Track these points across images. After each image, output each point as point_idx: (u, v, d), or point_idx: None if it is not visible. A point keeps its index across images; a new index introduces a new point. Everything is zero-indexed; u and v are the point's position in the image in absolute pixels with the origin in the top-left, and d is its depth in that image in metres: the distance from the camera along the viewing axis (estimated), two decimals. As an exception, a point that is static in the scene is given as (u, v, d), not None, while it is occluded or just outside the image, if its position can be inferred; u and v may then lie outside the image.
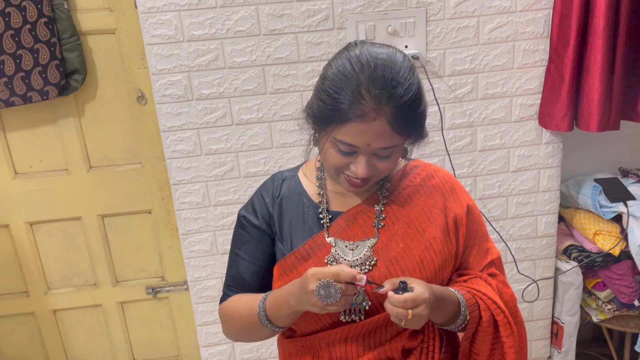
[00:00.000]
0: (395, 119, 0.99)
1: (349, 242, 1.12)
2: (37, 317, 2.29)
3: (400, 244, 1.11)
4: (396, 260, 1.10)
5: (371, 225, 1.13)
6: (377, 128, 0.99)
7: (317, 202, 1.16)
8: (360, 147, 1.02)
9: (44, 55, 1.92)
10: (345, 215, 1.14)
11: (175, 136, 1.91)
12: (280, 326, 1.11)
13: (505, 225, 2.19)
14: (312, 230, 1.14)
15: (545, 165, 2.14)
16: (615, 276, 2.17)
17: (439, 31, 1.91)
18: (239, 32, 1.82)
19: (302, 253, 1.12)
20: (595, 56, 1.88)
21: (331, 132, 1.02)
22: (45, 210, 2.15)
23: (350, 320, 1.10)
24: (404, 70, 1.00)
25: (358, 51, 1.02)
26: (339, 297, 0.97)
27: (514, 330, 1.13)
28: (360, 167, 1.04)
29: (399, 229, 1.12)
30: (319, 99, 1.03)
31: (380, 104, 0.98)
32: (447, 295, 1.07)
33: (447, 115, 2.02)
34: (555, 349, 2.38)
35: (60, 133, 2.07)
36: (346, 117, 0.99)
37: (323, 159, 1.09)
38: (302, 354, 1.17)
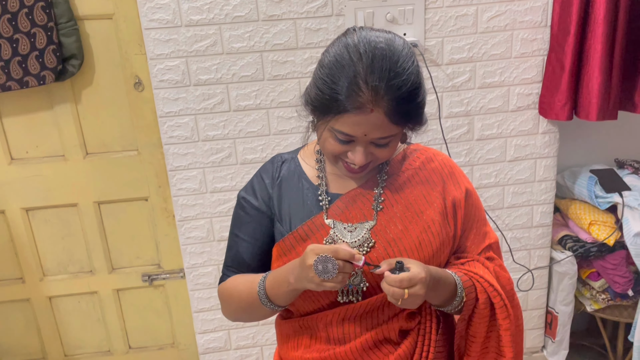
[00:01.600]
0: (393, 111, 0.98)
1: (347, 224, 1.12)
2: (33, 304, 2.29)
3: (398, 225, 1.11)
4: (394, 241, 1.10)
5: (370, 207, 1.13)
6: (374, 120, 0.99)
7: (316, 184, 1.17)
8: (357, 137, 1.02)
9: (41, 40, 1.90)
10: (344, 198, 1.14)
11: (173, 122, 1.91)
12: (279, 305, 1.11)
13: (501, 215, 2.20)
14: (311, 211, 1.14)
15: (541, 155, 2.14)
16: (609, 266, 2.19)
17: (437, 19, 1.91)
18: (237, 17, 1.82)
19: (301, 234, 1.12)
20: (596, 45, 1.89)
21: (329, 121, 1.02)
22: (41, 197, 2.14)
23: (347, 301, 1.11)
24: (403, 59, 0.99)
25: (356, 38, 1.01)
26: (336, 273, 0.98)
27: (510, 313, 1.14)
28: (358, 156, 1.04)
29: (397, 211, 1.12)
30: (317, 87, 1.03)
31: (378, 95, 0.97)
32: (443, 277, 1.08)
33: (445, 103, 2.02)
34: (549, 338, 2.40)
35: (57, 119, 2.06)
36: (343, 108, 0.98)
37: (322, 146, 1.09)
38: (300, 334, 1.17)
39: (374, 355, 1.12)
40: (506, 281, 1.17)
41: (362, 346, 1.12)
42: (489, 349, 1.16)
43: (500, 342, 1.15)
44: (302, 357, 1.16)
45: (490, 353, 1.16)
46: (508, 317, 1.13)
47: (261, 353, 2.24)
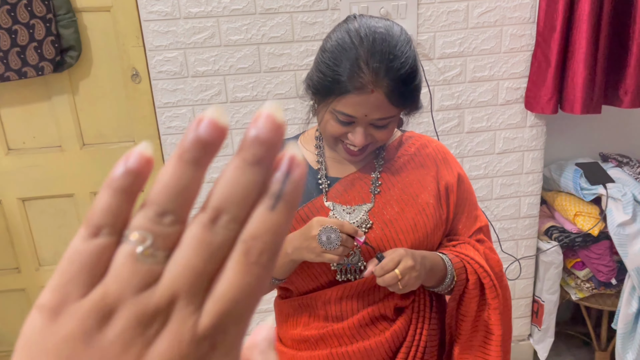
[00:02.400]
0: (392, 92, 1.03)
1: (346, 206, 1.17)
2: (29, 294, 2.31)
3: (395, 208, 1.16)
4: (391, 222, 1.15)
5: (368, 191, 1.18)
6: (374, 100, 1.03)
7: (316, 168, 1.21)
8: (358, 118, 1.06)
9: (40, 31, 1.93)
10: (343, 181, 1.19)
11: (171, 112, 1.94)
12: (277, 277, 1.15)
13: (490, 206, 2.26)
14: (311, 194, 1.18)
15: (529, 148, 2.21)
16: (594, 256, 2.26)
17: (429, 14, 1.97)
18: (235, 10, 1.86)
19: (302, 215, 1.16)
20: (580, 41, 1.95)
21: (330, 103, 1.07)
22: (38, 187, 2.16)
23: (346, 280, 1.16)
24: (402, 44, 1.05)
25: (357, 24, 1.06)
26: (338, 245, 1.03)
27: (499, 293, 1.19)
28: (358, 137, 1.08)
29: (394, 194, 1.17)
30: (319, 70, 1.08)
31: (378, 76, 1.02)
32: (434, 259, 1.13)
33: (436, 97, 2.08)
34: (536, 326, 2.47)
35: (54, 110, 2.08)
36: (345, 89, 1.03)
37: (322, 129, 1.13)
38: (299, 313, 1.22)
39: (370, 331, 1.17)
40: (495, 263, 1.23)
41: (360, 323, 1.16)
42: (478, 327, 1.21)
43: (490, 320, 1.20)
44: (301, 334, 1.20)
45: (480, 331, 1.22)
46: (497, 297, 1.19)
47: (255, 341, 2.28)
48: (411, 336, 1.19)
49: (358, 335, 1.17)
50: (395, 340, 1.18)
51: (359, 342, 1.17)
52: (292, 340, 1.24)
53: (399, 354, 1.17)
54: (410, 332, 1.18)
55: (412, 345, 1.18)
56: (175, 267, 0.26)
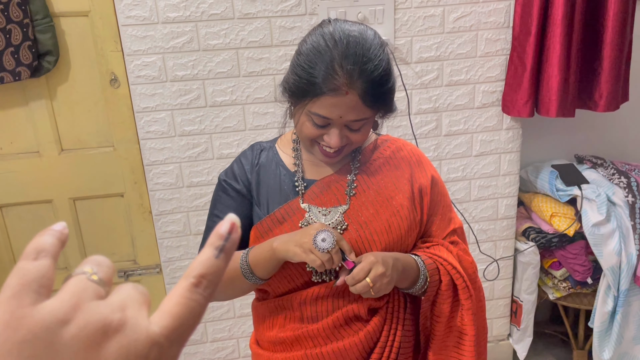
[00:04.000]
0: (366, 93, 1.05)
1: (322, 208, 1.18)
2: (6, 301, 2.28)
3: (370, 209, 1.18)
4: (365, 224, 1.17)
5: (343, 193, 1.19)
6: (349, 102, 1.05)
7: (293, 170, 1.23)
8: (333, 120, 1.08)
9: (17, 36, 1.91)
10: (319, 183, 1.20)
11: (150, 117, 1.94)
12: (260, 276, 1.15)
13: (468, 208, 2.29)
14: (288, 196, 1.20)
15: (505, 150, 2.25)
16: (570, 255, 2.30)
17: (406, 19, 2.00)
18: (213, 15, 1.87)
19: (278, 216, 1.18)
20: (555, 45, 1.99)
21: (306, 105, 1.09)
22: (16, 193, 2.14)
23: (320, 281, 1.17)
24: (375, 47, 1.07)
25: (332, 28, 1.08)
26: (330, 247, 1.06)
27: (472, 294, 1.21)
28: (333, 139, 1.10)
29: (369, 196, 1.19)
30: (295, 73, 1.09)
31: (352, 78, 1.04)
32: (406, 260, 1.15)
33: (414, 100, 2.10)
34: (515, 326, 2.50)
35: (32, 115, 2.07)
36: (320, 91, 1.05)
37: (298, 131, 1.15)
38: (275, 315, 1.23)
39: (344, 332, 1.18)
40: (469, 264, 1.24)
41: (334, 323, 1.17)
42: (452, 328, 1.23)
43: (463, 321, 1.22)
44: (277, 336, 1.22)
45: (454, 332, 1.23)
46: (470, 297, 1.20)
47: (237, 345, 2.28)
48: (385, 337, 1.20)
49: (332, 336, 1.18)
50: (369, 340, 1.19)
51: (333, 342, 1.18)
52: (268, 342, 1.25)
53: (373, 354, 1.19)
54: (384, 333, 1.19)
55: (385, 345, 1.20)
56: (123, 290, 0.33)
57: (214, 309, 2.22)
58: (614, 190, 2.26)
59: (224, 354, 2.29)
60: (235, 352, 2.30)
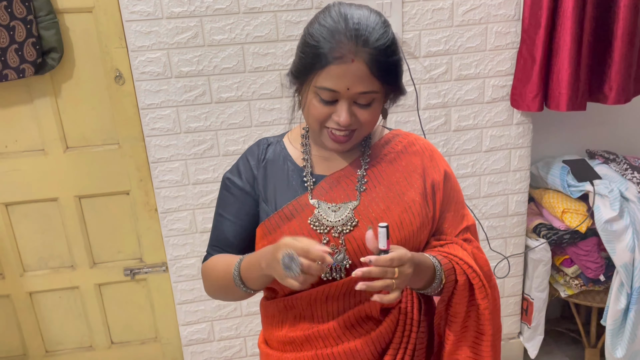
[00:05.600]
0: (373, 61, 1.03)
1: (331, 204, 1.15)
2: (13, 300, 2.27)
3: (380, 205, 1.15)
4: (376, 220, 1.13)
5: (353, 188, 1.16)
6: (355, 70, 1.03)
7: (301, 166, 1.20)
8: (340, 92, 1.05)
9: (20, 33, 1.90)
10: (328, 179, 1.17)
11: (155, 114, 1.92)
12: (252, 288, 1.12)
13: (478, 204, 2.25)
14: (296, 192, 1.17)
15: (516, 146, 2.21)
16: (582, 252, 2.26)
17: (414, 12, 1.96)
18: (218, 9, 1.84)
19: (286, 213, 1.15)
20: (565, 37, 1.95)
21: (312, 80, 1.06)
22: (21, 191, 2.13)
23: (331, 279, 1.14)
24: (380, 24, 1.07)
25: (337, 8, 1.09)
26: (298, 272, 0.96)
27: (488, 293, 1.18)
28: (342, 114, 1.06)
29: (379, 192, 1.16)
30: (301, 52, 1.08)
31: (357, 46, 1.03)
32: (423, 261, 1.11)
33: (423, 95, 2.07)
34: (525, 324, 2.47)
35: (37, 113, 2.05)
36: (326, 61, 1.03)
37: (306, 115, 1.12)
38: (284, 314, 1.20)
39: (356, 332, 1.16)
40: (484, 262, 1.22)
41: (345, 324, 1.15)
42: (468, 327, 1.20)
43: (479, 320, 1.19)
44: (286, 336, 1.19)
45: (470, 331, 1.20)
46: (486, 296, 1.17)
47: (244, 344, 2.26)
48: (399, 338, 1.17)
49: (343, 336, 1.15)
50: (381, 341, 1.16)
51: (344, 343, 1.15)
52: (277, 342, 1.22)
53: (386, 355, 1.16)
54: (398, 334, 1.17)
55: (399, 347, 1.17)
56: None
57: (220, 308, 2.20)
58: (627, 185, 2.21)
59: (231, 353, 2.28)
60: (242, 350, 2.28)
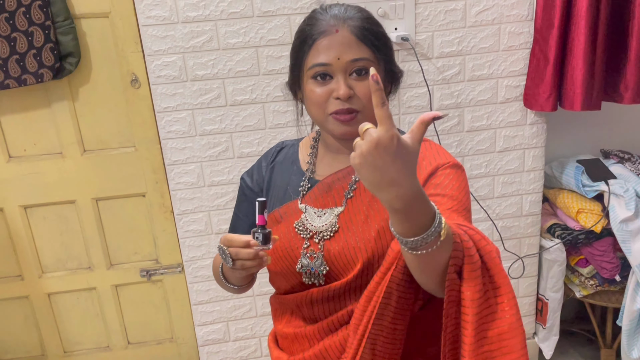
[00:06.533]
0: (357, 28, 1.07)
1: (318, 209, 1.15)
2: (32, 301, 2.31)
3: (361, 214, 1.12)
4: (354, 230, 1.11)
5: (342, 194, 1.15)
6: (341, 39, 1.06)
7: (304, 170, 1.21)
8: (332, 64, 1.06)
9: (39, 38, 1.93)
10: (320, 184, 1.17)
11: (170, 117, 1.94)
12: (232, 284, 1.20)
13: (492, 205, 2.25)
14: (290, 196, 1.20)
15: (529, 146, 2.21)
16: (597, 252, 2.25)
17: (427, 14, 1.97)
18: (232, 13, 1.86)
19: (276, 216, 1.18)
20: (579, 37, 1.95)
21: (305, 64, 1.09)
22: (40, 194, 2.16)
23: (311, 284, 1.15)
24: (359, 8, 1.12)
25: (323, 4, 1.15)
26: (230, 261, 1.04)
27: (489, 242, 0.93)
28: (340, 87, 1.05)
29: (364, 200, 1.13)
30: (291, 48, 1.14)
31: (338, 18, 1.07)
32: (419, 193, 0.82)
33: (436, 96, 2.08)
34: (540, 325, 2.46)
35: (55, 116, 2.09)
36: (312, 40, 1.07)
37: (309, 107, 1.12)
38: (283, 310, 1.25)
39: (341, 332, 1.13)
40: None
41: (329, 327, 1.15)
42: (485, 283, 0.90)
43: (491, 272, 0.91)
44: (282, 330, 1.23)
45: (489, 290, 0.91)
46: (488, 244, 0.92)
47: (259, 344, 2.28)
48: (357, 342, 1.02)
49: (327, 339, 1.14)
50: None
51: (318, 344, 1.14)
52: (278, 336, 1.27)
53: None
54: None
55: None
56: None
57: (236, 308, 2.22)
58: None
59: (247, 353, 2.29)
60: (257, 350, 2.30)
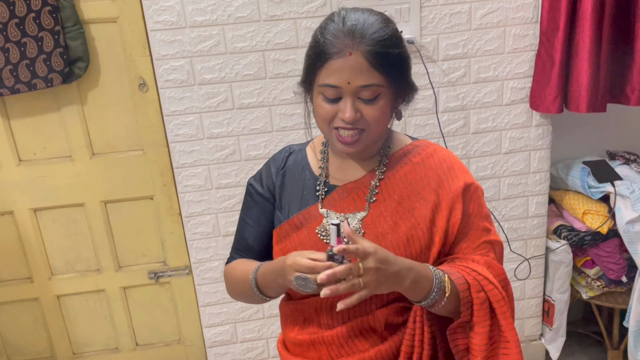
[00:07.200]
0: (371, 53, 1.04)
1: (340, 214, 1.16)
2: (41, 303, 2.33)
3: (388, 220, 1.13)
4: (382, 235, 1.12)
5: (364, 199, 1.16)
6: (353, 63, 1.04)
7: (317, 174, 1.21)
8: (342, 87, 1.05)
9: (48, 43, 1.96)
10: (340, 189, 1.18)
11: (178, 120, 1.96)
12: (269, 296, 1.17)
13: (498, 206, 2.26)
14: (308, 201, 1.19)
15: (535, 147, 2.21)
16: (603, 254, 2.26)
17: (432, 17, 1.98)
18: (239, 18, 1.88)
19: (296, 222, 1.17)
20: (584, 39, 1.96)
21: (316, 80, 1.08)
22: (49, 197, 2.19)
23: None
24: (379, 20, 1.08)
25: (339, 12, 1.11)
26: (315, 288, 1.00)
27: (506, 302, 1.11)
28: (346, 110, 1.06)
29: (389, 206, 1.14)
30: (306, 56, 1.12)
31: (354, 39, 1.04)
32: (416, 267, 1.05)
33: (441, 98, 2.09)
34: (547, 326, 2.46)
35: (64, 120, 2.11)
36: (325, 57, 1.05)
37: (316, 117, 1.13)
38: (296, 316, 1.23)
39: (360, 343, 1.15)
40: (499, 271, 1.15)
41: (348, 333, 1.15)
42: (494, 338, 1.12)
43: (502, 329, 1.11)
44: (295, 337, 1.22)
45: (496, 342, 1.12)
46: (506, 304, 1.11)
47: (267, 345, 2.29)
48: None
49: (347, 347, 1.15)
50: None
51: (345, 356, 1.15)
52: (289, 343, 1.26)
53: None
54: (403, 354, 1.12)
55: None
56: None
57: (243, 310, 2.24)
58: (648, 186, 2.20)
59: (254, 354, 2.31)
60: (264, 352, 2.31)
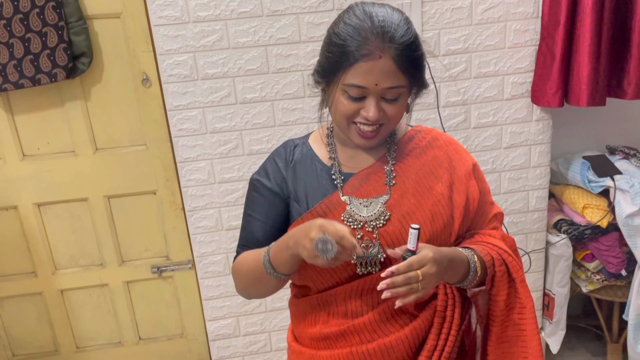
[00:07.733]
0: (399, 57, 1.07)
1: (363, 200, 1.18)
2: (45, 297, 2.34)
3: (411, 200, 1.18)
4: (408, 214, 1.16)
5: (383, 183, 1.19)
6: (383, 66, 1.06)
7: (329, 165, 1.23)
8: (369, 88, 1.08)
9: (52, 39, 1.97)
10: (357, 176, 1.20)
11: (182, 115, 1.98)
12: (282, 272, 1.13)
13: (498, 200, 2.28)
14: (327, 190, 1.20)
15: (536, 142, 2.23)
16: (603, 247, 2.27)
17: (434, 12, 1.99)
18: (242, 13, 1.89)
19: (319, 211, 1.17)
20: (585, 34, 1.97)
21: (340, 78, 1.09)
22: (53, 192, 2.20)
23: (366, 273, 1.16)
24: (403, 20, 1.11)
25: (361, 7, 1.12)
26: (332, 256, 0.99)
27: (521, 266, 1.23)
28: (371, 110, 1.09)
29: (409, 187, 1.19)
30: (327, 52, 1.12)
31: (384, 42, 1.06)
32: (455, 256, 1.12)
33: (442, 93, 2.10)
34: (547, 320, 2.48)
35: (67, 116, 2.12)
36: (354, 58, 1.07)
37: (334, 112, 1.15)
38: (317, 311, 1.22)
39: (391, 326, 1.18)
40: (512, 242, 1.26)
41: (380, 317, 1.17)
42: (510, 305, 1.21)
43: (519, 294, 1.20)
44: (320, 332, 1.21)
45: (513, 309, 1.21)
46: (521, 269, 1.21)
47: (269, 339, 2.31)
48: (434, 338, 1.18)
49: (379, 331, 1.17)
50: (415, 337, 1.18)
51: (378, 339, 1.17)
52: (310, 339, 1.24)
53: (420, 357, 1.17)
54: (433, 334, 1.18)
55: (435, 348, 1.18)
56: None
57: (245, 304, 2.25)
58: (648, 180, 2.22)
59: (257, 347, 2.32)
60: (267, 345, 2.33)
